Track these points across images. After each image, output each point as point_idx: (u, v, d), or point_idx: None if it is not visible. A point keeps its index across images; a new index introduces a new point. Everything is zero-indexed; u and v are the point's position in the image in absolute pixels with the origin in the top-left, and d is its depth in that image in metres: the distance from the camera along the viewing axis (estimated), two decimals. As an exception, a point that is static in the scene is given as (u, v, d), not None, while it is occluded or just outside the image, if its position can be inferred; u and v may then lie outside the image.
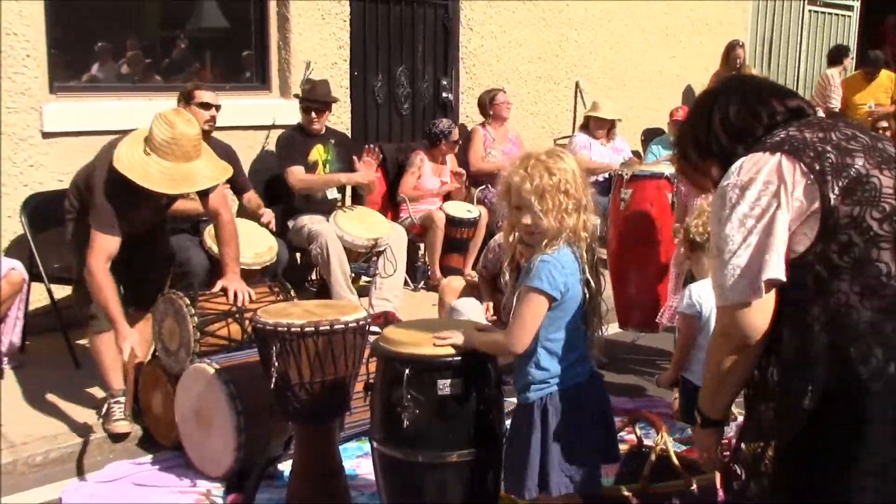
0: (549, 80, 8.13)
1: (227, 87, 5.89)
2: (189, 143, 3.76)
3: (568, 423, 2.52)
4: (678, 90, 9.57)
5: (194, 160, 3.80)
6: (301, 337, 2.98)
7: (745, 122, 2.03)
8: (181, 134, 3.73)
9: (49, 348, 4.72)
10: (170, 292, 3.88)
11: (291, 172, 5.57)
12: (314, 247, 5.37)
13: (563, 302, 2.50)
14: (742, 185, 1.88)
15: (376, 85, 6.87)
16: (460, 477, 2.70)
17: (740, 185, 1.89)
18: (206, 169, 3.86)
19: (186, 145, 3.75)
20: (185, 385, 3.68)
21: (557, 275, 2.46)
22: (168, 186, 3.76)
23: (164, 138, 3.71)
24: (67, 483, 3.65)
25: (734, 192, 1.89)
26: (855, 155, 1.88)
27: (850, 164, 1.87)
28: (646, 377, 4.98)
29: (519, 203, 2.52)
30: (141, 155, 3.73)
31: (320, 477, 3.20)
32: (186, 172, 3.77)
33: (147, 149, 3.73)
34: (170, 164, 3.72)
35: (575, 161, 2.57)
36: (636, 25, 8.89)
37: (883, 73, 9.79)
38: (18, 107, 4.92)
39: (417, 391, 2.62)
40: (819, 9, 11.58)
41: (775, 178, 1.86)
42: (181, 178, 3.76)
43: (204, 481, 3.61)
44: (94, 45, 5.53)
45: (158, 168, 3.71)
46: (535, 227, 2.50)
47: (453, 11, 7.26)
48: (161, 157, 3.71)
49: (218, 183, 4.00)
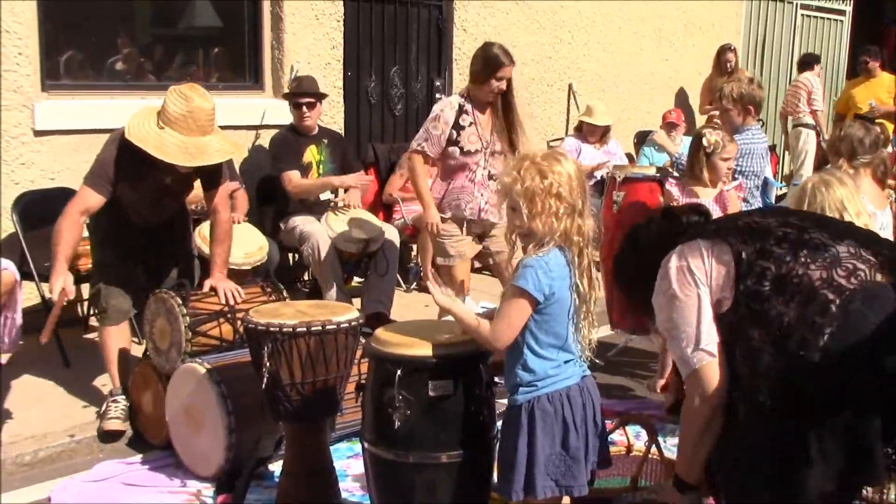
0: (543, 83, 8.14)
1: (220, 87, 5.88)
2: (205, 115, 3.80)
3: (556, 426, 2.51)
4: (671, 93, 9.59)
5: (209, 134, 3.84)
6: (293, 337, 2.97)
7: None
8: (198, 107, 3.77)
9: (39, 347, 4.68)
10: (161, 291, 3.87)
11: (288, 179, 5.56)
12: (306, 247, 5.37)
13: (549, 305, 2.50)
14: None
15: (370, 85, 6.87)
16: (451, 478, 2.70)
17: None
18: (218, 144, 3.90)
19: (202, 118, 3.79)
20: (176, 385, 3.67)
21: (543, 277, 2.46)
22: (183, 159, 3.78)
23: (181, 111, 3.75)
24: (56, 483, 3.63)
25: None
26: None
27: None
28: (637, 379, 4.99)
29: (511, 204, 2.53)
30: (155, 128, 3.77)
31: (310, 477, 3.19)
32: (201, 146, 3.81)
33: (161, 122, 3.77)
34: (185, 138, 3.76)
35: (574, 165, 2.56)
36: (629, 28, 8.91)
37: (884, 75, 9.78)
38: (10, 104, 4.90)
39: (408, 392, 2.63)
40: (811, 13, 11.63)
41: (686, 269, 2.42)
42: (196, 151, 3.79)
43: (194, 481, 3.60)
44: (86, 43, 5.51)
45: (173, 140, 3.75)
46: (523, 228, 2.51)
47: (447, 12, 7.27)
48: (176, 129, 3.75)
49: (230, 157, 4.05)
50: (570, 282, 2.54)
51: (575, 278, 2.55)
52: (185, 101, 3.77)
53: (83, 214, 3.88)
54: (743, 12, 10.50)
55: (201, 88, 3.91)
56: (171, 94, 3.81)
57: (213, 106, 3.87)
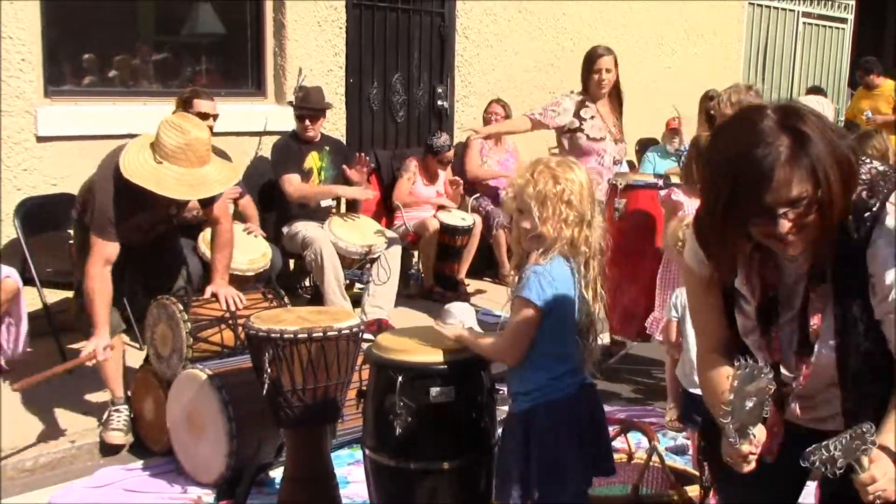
0: (545, 90, 8.13)
1: (223, 93, 5.89)
2: (203, 146, 3.75)
3: (554, 435, 2.50)
4: (673, 100, 9.58)
5: (207, 164, 3.79)
6: (294, 343, 2.97)
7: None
8: (195, 139, 3.71)
9: (41, 353, 4.70)
10: (162, 297, 3.87)
11: (288, 181, 5.56)
12: (308, 253, 5.37)
13: (552, 315, 2.48)
14: None
15: (372, 92, 6.87)
16: (452, 484, 2.70)
17: None
18: (216, 173, 3.85)
19: (200, 149, 3.74)
20: (178, 391, 3.67)
21: (546, 286, 2.45)
22: (185, 193, 3.75)
23: (178, 144, 3.68)
24: (57, 489, 3.63)
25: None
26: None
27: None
28: (638, 386, 4.98)
29: (520, 206, 2.51)
30: (152, 163, 3.69)
31: (311, 483, 3.19)
32: (201, 177, 3.75)
33: (157, 157, 3.69)
34: (184, 171, 3.70)
35: (586, 175, 2.56)
36: (631, 35, 8.92)
37: (886, 84, 9.80)
38: (13, 110, 4.91)
39: (410, 399, 2.62)
40: (813, 20, 11.64)
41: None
42: (197, 184, 3.75)
43: (195, 487, 3.60)
44: (89, 49, 5.52)
45: (173, 175, 3.68)
46: (533, 232, 2.49)
47: (449, 19, 7.28)
48: (174, 163, 3.68)
49: (230, 185, 3.99)
50: (574, 292, 2.52)
51: (580, 288, 2.54)
52: (182, 133, 3.69)
53: (106, 266, 3.78)
54: (745, 19, 10.51)
55: (194, 118, 3.88)
56: (164, 127, 3.72)
57: (209, 135, 3.82)
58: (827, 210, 1.71)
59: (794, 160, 1.67)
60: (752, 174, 1.68)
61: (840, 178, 1.70)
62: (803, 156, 1.67)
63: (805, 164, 1.68)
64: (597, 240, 2.55)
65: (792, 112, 1.73)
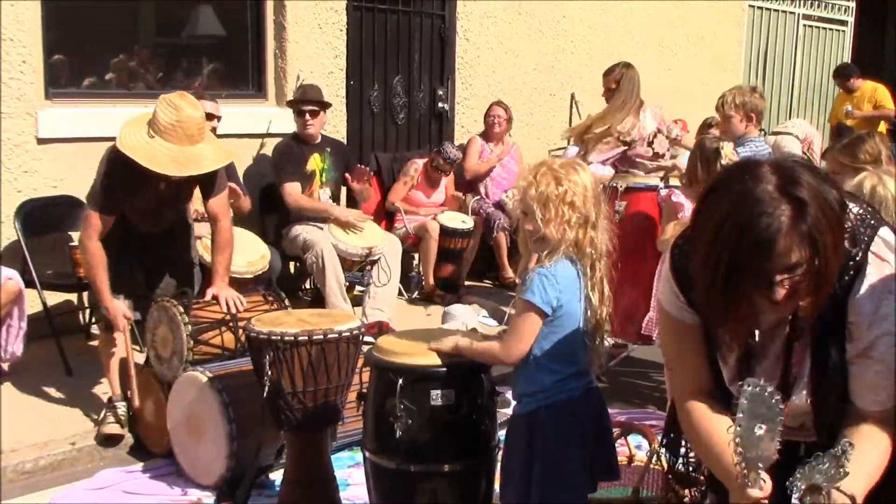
0: (545, 92, 8.16)
1: (223, 95, 5.89)
2: (194, 125, 3.78)
3: (557, 437, 2.50)
4: (673, 102, 9.58)
5: (199, 143, 3.82)
6: (294, 346, 2.97)
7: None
8: (187, 116, 3.75)
9: (41, 355, 4.70)
10: (163, 300, 3.87)
11: (287, 192, 5.57)
12: (309, 255, 5.37)
13: (556, 317, 2.48)
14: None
15: (372, 94, 6.88)
16: (452, 487, 2.70)
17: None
18: (210, 152, 3.88)
19: (191, 128, 3.76)
20: (178, 393, 3.66)
21: (550, 289, 2.45)
22: (173, 168, 3.76)
23: (170, 121, 3.73)
24: (57, 491, 3.63)
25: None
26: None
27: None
28: (639, 388, 4.98)
29: (524, 208, 2.51)
30: (145, 137, 3.75)
31: (312, 486, 3.19)
32: (191, 155, 3.78)
33: (151, 131, 3.75)
34: (174, 147, 3.74)
35: (591, 177, 2.55)
36: (631, 38, 8.92)
37: (865, 85, 9.87)
38: (13, 112, 4.91)
39: (410, 401, 2.62)
40: (813, 23, 11.64)
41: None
42: (186, 161, 3.77)
43: (195, 489, 3.60)
44: (90, 51, 5.52)
45: (163, 150, 3.73)
46: (536, 234, 2.49)
47: (450, 22, 7.28)
48: (166, 139, 3.73)
49: (222, 166, 4.00)
50: (580, 294, 2.52)
51: (586, 290, 2.53)
52: (175, 110, 3.74)
53: (98, 237, 3.87)
54: (745, 21, 10.52)
55: (191, 97, 3.90)
56: (161, 103, 3.79)
57: (202, 114, 3.86)
58: (822, 274, 1.70)
59: (794, 229, 1.65)
60: (754, 244, 1.65)
61: (834, 243, 1.69)
62: (802, 224, 1.66)
63: (804, 232, 1.66)
64: (602, 241, 2.54)
65: (790, 175, 1.70)
